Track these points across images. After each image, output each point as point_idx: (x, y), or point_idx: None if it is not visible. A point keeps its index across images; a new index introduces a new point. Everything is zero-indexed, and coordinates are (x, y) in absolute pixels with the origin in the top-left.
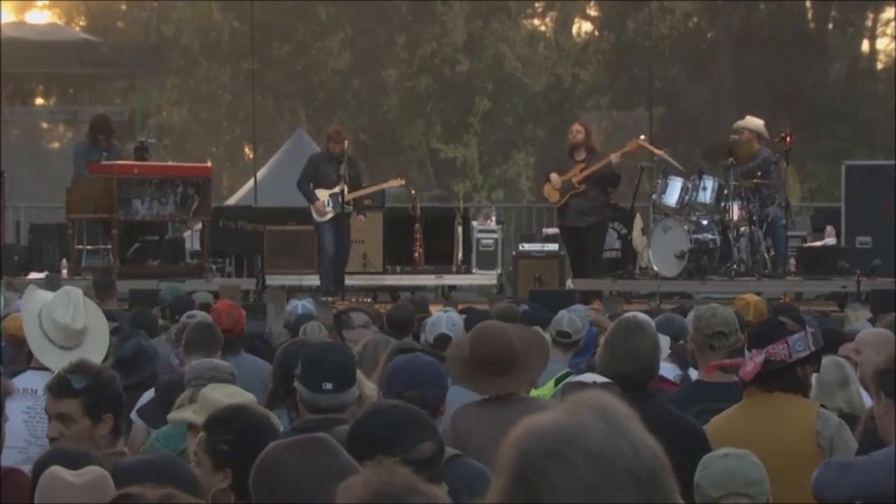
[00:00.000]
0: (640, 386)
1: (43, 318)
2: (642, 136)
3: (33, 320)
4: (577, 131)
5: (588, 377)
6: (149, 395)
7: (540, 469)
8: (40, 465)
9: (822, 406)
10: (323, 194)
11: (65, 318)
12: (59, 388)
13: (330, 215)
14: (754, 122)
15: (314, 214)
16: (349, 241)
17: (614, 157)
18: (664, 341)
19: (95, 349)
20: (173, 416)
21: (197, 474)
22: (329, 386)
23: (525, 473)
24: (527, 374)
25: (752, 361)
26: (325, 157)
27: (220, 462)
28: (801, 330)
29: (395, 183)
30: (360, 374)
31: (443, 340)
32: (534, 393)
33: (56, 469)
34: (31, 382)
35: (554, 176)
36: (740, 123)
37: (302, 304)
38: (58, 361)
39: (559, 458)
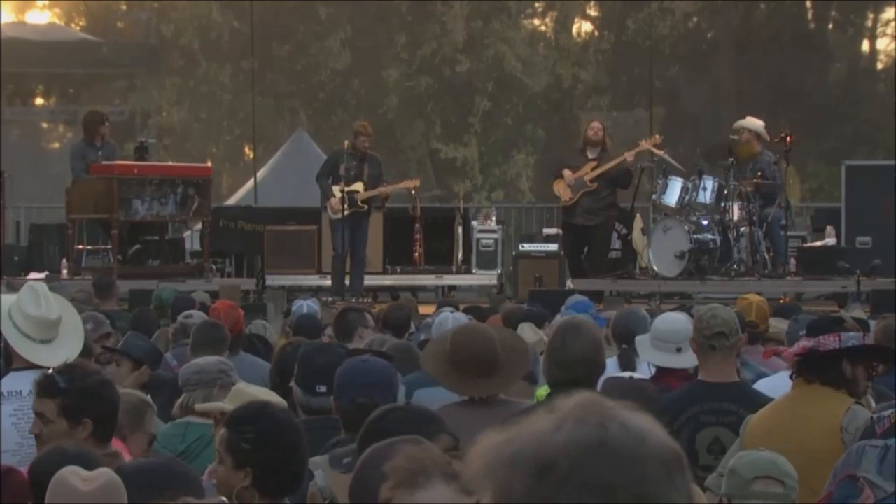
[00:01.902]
0: (586, 386)
1: (15, 317)
2: (658, 137)
3: (6, 322)
4: (598, 129)
5: (626, 373)
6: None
7: (576, 465)
8: (39, 464)
9: (858, 402)
10: (337, 191)
11: (38, 311)
12: (39, 386)
13: (343, 213)
14: (754, 122)
15: (329, 211)
16: (365, 239)
17: (629, 155)
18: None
19: (72, 342)
20: (204, 406)
21: (219, 472)
22: (323, 388)
23: (615, 490)
24: (507, 378)
25: (799, 345)
26: (346, 154)
27: (242, 461)
28: (859, 332)
29: (410, 184)
30: None
31: None
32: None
33: (66, 472)
34: (15, 384)
35: (567, 173)
36: (740, 124)
37: (307, 304)
38: (43, 356)
39: (634, 465)
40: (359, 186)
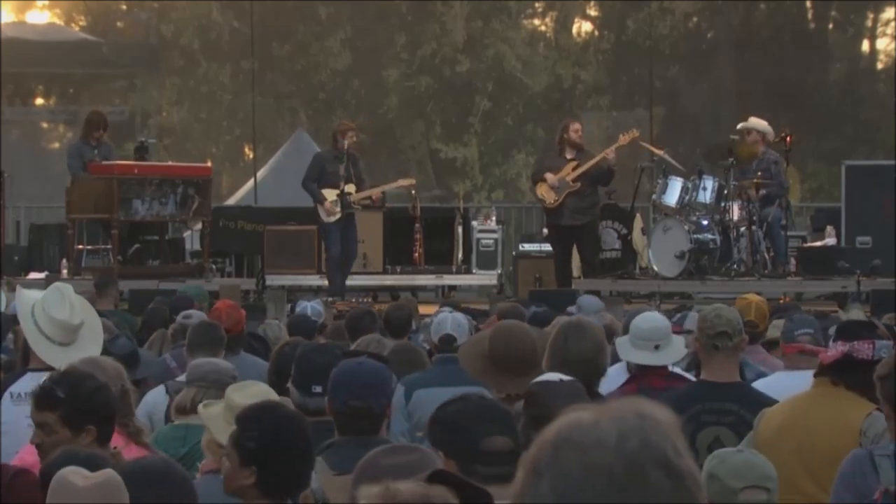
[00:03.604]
0: (587, 388)
1: (38, 317)
2: (636, 130)
3: (28, 320)
4: (579, 130)
5: (554, 375)
6: (153, 395)
7: (536, 459)
8: (50, 466)
9: (879, 409)
10: (330, 194)
11: (62, 314)
12: (38, 398)
13: (339, 215)
14: (761, 123)
15: (322, 215)
16: (356, 240)
17: (609, 153)
18: (680, 341)
19: (92, 344)
20: (203, 412)
21: (224, 468)
22: (319, 389)
23: (527, 463)
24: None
25: (836, 349)
26: (331, 156)
27: (246, 459)
28: (890, 339)
29: (405, 183)
30: None
31: (447, 341)
32: None
33: (66, 471)
34: (31, 385)
35: (550, 176)
36: (747, 125)
37: (311, 305)
38: (59, 359)
39: (551, 448)
40: (351, 188)
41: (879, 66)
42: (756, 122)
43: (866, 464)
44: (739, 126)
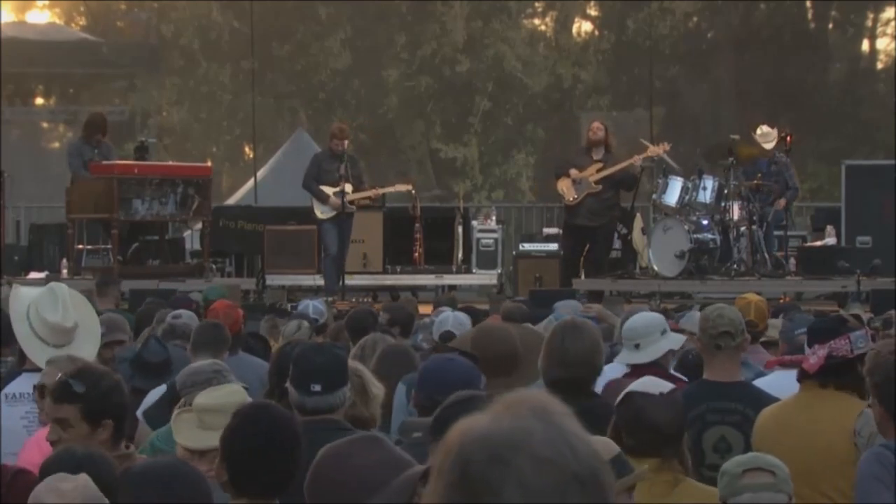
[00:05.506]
0: (584, 387)
1: (32, 319)
2: (666, 144)
3: (22, 322)
4: (598, 128)
5: (652, 384)
6: (155, 394)
7: (483, 475)
8: (49, 464)
9: (869, 406)
10: (328, 191)
11: (54, 317)
12: (58, 392)
13: (335, 211)
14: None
15: (319, 211)
16: (349, 241)
17: (637, 160)
18: (669, 342)
19: (88, 344)
20: (176, 414)
21: (216, 466)
22: (317, 388)
23: (466, 480)
24: (527, 375)
25: (816, 355)
26: (327, 156)
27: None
28: (862, 328)
29: (402, 188)
30: (366, 371)
31: (448, 338)
32: None
33: (41, 488)
34: (26, 386)
35: (574, 172)
36: (767, 133)
37: (312, 305)
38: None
39: (503, 465)
40: (348, 188)
41: (879, 66)
42: (770, 129)
43: (888, 461)
44: (765, 130)
